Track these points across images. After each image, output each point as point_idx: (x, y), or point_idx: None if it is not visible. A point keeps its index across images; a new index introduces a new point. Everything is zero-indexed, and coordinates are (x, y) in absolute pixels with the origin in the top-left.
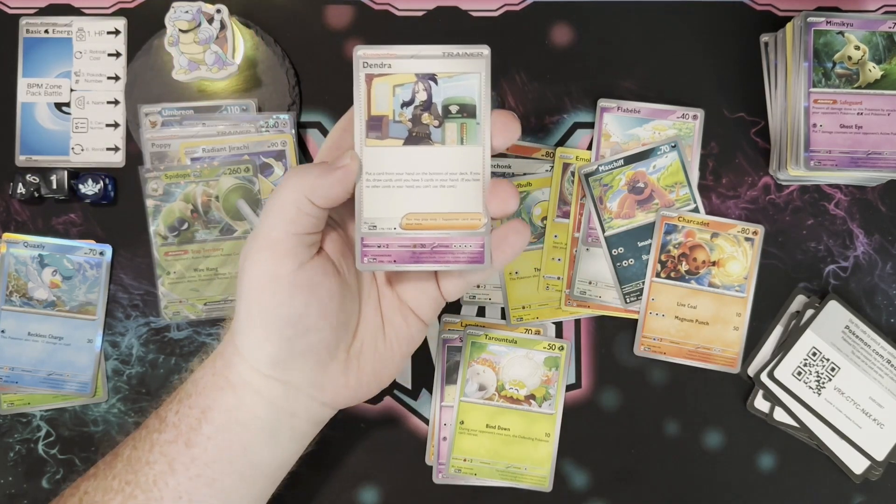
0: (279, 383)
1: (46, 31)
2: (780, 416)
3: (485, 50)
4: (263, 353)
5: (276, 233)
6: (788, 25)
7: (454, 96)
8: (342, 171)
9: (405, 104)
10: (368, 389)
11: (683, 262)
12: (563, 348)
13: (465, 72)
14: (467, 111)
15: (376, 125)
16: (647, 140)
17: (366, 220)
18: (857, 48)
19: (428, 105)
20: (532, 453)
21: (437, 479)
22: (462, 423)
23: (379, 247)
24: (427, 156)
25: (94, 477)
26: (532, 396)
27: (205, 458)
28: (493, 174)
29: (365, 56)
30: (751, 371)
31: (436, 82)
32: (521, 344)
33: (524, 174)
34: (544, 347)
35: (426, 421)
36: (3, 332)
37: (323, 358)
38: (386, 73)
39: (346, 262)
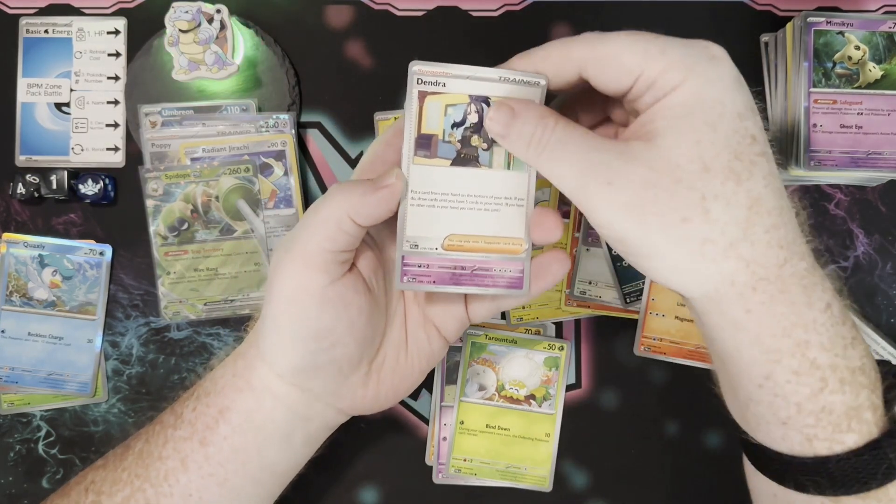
0: (299, 390)
1: (46, 31)
2: None
3: (542, 80)
4: (287, 361)
5: (312, 246)
6: (788, 25)
7: None
8: (387, 191)
9: (456, 125)
10: (385, 401)
11: None
12: (563, 348)
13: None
14: None
15: (425, 143)
16: None
17: (408, 239)
18: (858, 48)
19: (478, 128)
20: (532, 453)
21: (437, 479)
22: (462, 423)
23: (419, 266)
24: (473, 178)
25: (102, 468)
26: (532, 396)
27: (219, 458)
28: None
29: (420, 72)
30: None
31: (489, 105)
32: (521, 344)
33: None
34: (544, 347)
35: (426, 421)
36: (3, 332)
37: (345, 371)
38: (440, 92)
39: (378, 280)
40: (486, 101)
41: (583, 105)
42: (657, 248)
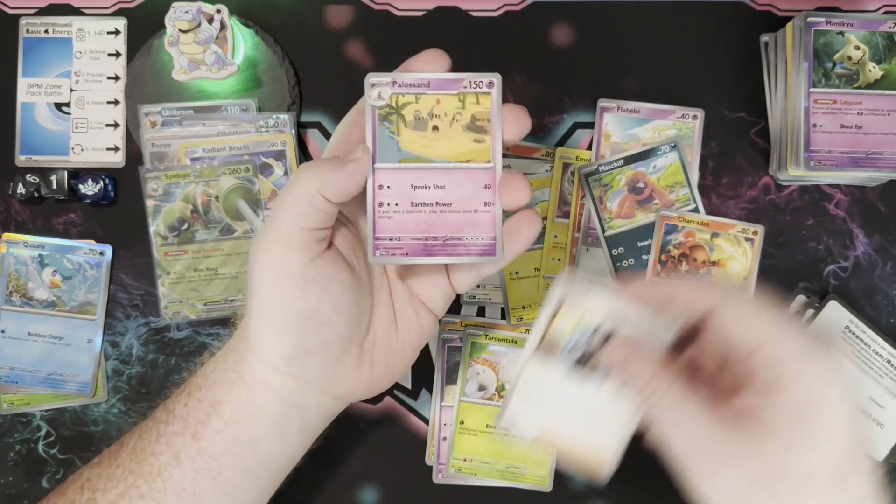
0: (292, 378)
1: (46, 31)
2: None
3: (674, 330)
4: (277, 349)
5: (287, 227)
6: (788, 25)
7: None
8: (354, 165)
9: (581, 339)
10: (381, 383)
11: (683, 263)
12: None
13: None
14: None
15: (549, 347)
16: (647, 140)
17: (507, 418)
18: (857, 48)
19: (598, 349)
20: (532, 453)
21: (437, 479)
22: (462, 423)
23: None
24: (582, 391)
25: (97, 465)
26: None
27: (211, 452)
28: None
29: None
30: None
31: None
32: (521, 344)
33: (524, 174)
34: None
35: (426, 421)
36: (3, 332)
37: (336, 352)
38: (578, 302)
39: (358, 257)
40: (613, 332)
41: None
42: None
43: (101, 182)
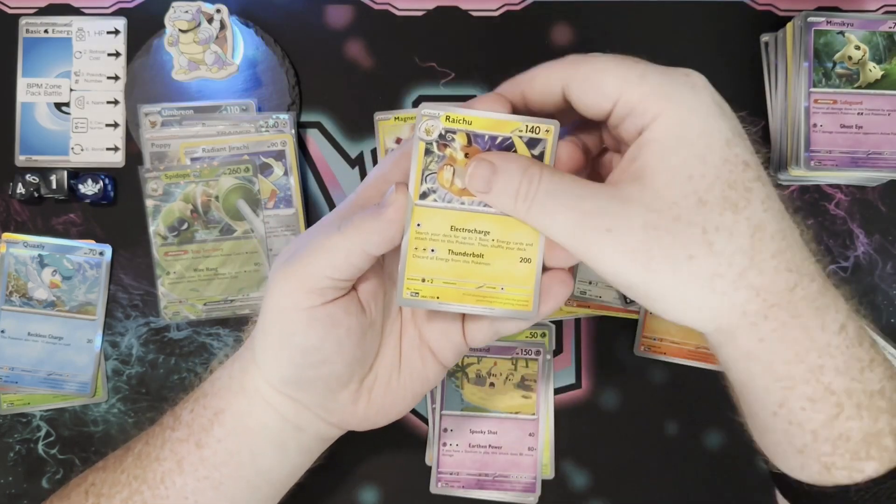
0: (289, 399)
1: (46, 31)
2: None
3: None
4: (276, 371)
5: (313, 270)
6: (789, 25)
7: None
8: (392, 209)
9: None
10: (376, 420)
11: None
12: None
13: None
14: None
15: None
16: None
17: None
18: (858, 48)
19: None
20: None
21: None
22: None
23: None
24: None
25: (102, 469)
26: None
27: (214, 461)
28: None
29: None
30: None
31: None
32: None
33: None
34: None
35: (426, 421)
36: (3, 332)
37: (333, 387)
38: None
39: (376, 301)
40: None
41: (585, 132)
42: (666, 289)
43: (101, 182)
